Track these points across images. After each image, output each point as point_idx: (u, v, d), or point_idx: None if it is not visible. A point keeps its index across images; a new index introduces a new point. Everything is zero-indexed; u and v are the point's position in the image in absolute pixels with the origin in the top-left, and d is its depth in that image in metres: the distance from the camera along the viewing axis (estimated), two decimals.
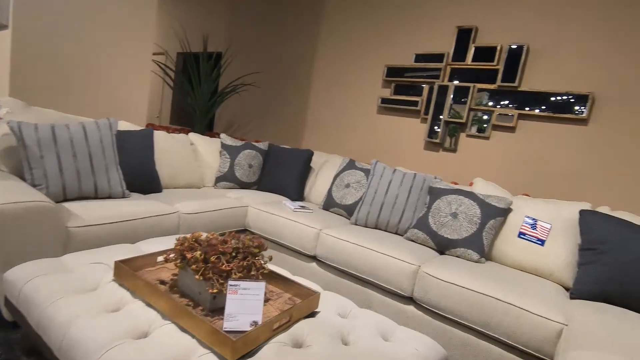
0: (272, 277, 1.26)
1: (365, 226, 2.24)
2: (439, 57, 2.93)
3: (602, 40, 2.33)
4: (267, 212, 2.30)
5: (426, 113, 3.00)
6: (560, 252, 1.81)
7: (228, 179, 2.70)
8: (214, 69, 4.08)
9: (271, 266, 1.40)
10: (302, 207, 2.39)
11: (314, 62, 3.79)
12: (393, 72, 3.18)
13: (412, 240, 2.09)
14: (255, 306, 0.96)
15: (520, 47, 2.57)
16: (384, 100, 3.22)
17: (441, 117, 2.90)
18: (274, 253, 2.31)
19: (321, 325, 1.05)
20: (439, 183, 2.18)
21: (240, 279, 1.01)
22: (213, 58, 4.05)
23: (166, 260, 1.12)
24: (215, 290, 0.98)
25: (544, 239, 1.87)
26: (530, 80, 2.58)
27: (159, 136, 2.45)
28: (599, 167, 2.35)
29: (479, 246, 1.89)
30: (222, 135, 2.86)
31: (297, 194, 2.75)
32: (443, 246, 1.97)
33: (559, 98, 2.45)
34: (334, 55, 3.63)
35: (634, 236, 1.57)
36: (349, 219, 2.38)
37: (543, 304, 1.45)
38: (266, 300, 1.13)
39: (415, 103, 3.04)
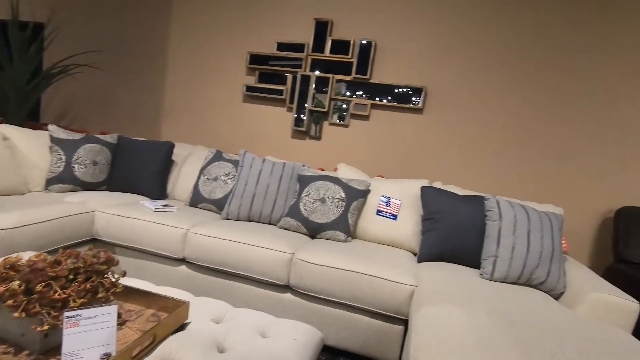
0: (130, 294, 1.08)
1: (238, 219, 2.16)
2: (300, 47, 3.00)
3: (433, 40, 2.76)
4: (121, 215, 1.99)
5: (291, 102, 3.05)
6: (409, 224, 2.11)
7: (64, 180, 2.21)
8: (32, 42, 3.26)
9: (128, 281, 1.21)
10: (165, 206, 2.15)
11: (169, 42, 3.41)
12: (257, 59, 3.12)
13: (286, 229, 2.12)
14: (106, 335, 0.80)
15: (369, 43, 2.83)
16: (249, 89, 3.14)
17: (306, 105, 3.00)
18: (135, 262, 2.02)
19: (192, 338, 0.95)
20: (307, 170, 2.25)
21: (82, 306, 0.82)
22: (29, 29, 3.22)
23: None
24: (45, 327, 0.78)
25: (397, 214, 2.14)
26: (379, 74, 2.88)
27: None
28: (432, 148, 2.82)
29: (345, 227, 2.04)
30: (52, 127, 2.32)
31: (157, 192, 2.46)
32: (314, 231, 2.06)
33: (400, 90, 2.81)
34: (193, 38, 3.34)
35: (460, 205, 1.94)
36: (220, 214, 2.25)
37: (398, 271, 1.67)
38: (122, 324, 0.96)
39: (280, 92, 3.06)
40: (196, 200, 2.32)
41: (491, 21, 2.63)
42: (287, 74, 3.06)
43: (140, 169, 2.45)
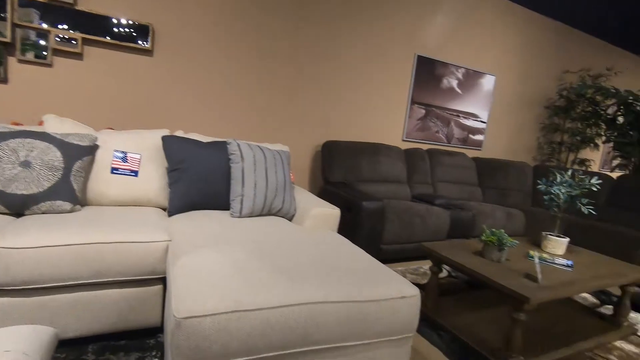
0: None
1: None
2: None
3: None
4: None
5: None
6: (154, 179, 1.93)
7: None
8: None
9: None
10: None
11: None
12: None
13: None
14: None
15: None
16: None
17: None
18: None
19: None
20: None
21: None
22: None
23: None
24: None
25: (137, 169, 1.91)
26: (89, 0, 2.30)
27: None
28: (169, 95, 2.62)
29: (70, 194, 1.64)
30: None
31: None
32: (19, 206, 1.54)
33: (122, 29, 2.38)
34: None
35: (204, 152, 1.94)
36: None
37: (147, 231, 1.52)
38: None
39: None
40: None
41: None
42: None
43: None
